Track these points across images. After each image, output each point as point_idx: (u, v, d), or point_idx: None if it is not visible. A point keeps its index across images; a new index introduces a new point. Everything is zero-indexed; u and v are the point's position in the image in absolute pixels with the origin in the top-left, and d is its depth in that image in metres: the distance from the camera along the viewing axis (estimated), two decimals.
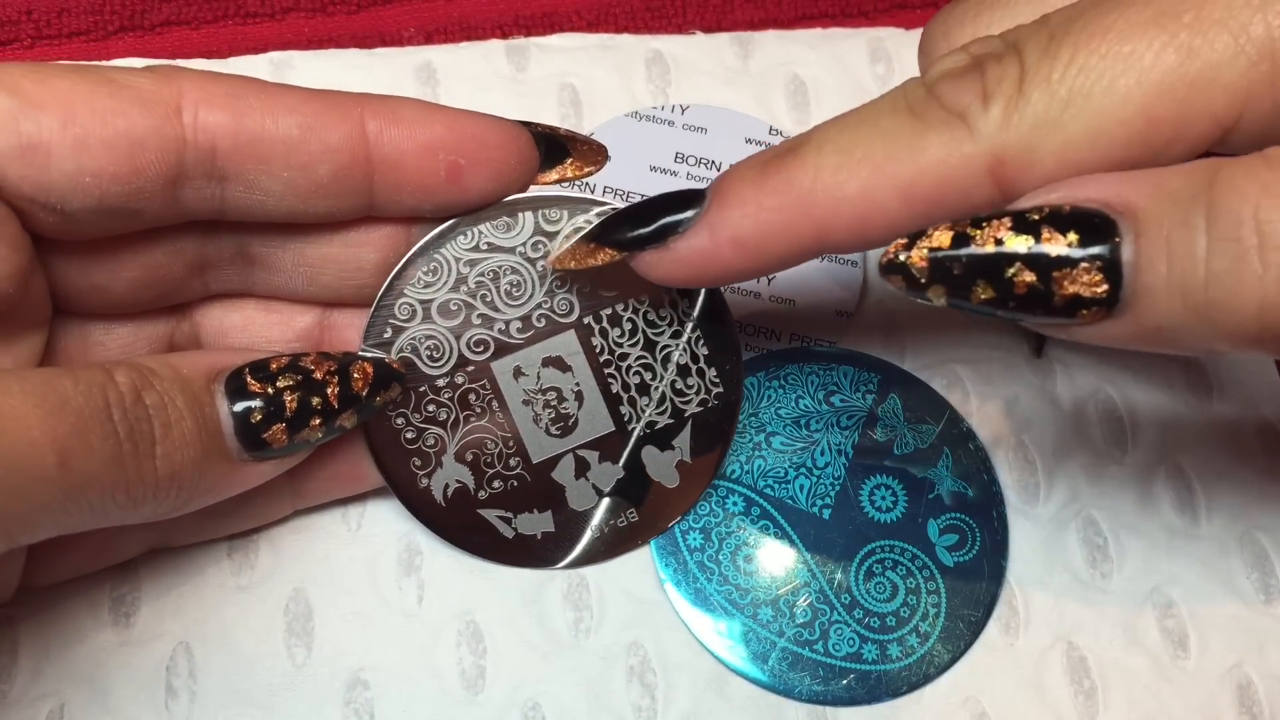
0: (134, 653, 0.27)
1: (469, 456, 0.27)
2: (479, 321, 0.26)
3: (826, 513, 0.29)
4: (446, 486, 0.27)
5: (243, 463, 0.24)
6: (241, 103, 0.23)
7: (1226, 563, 0.29)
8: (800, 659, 0.27)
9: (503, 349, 0.27)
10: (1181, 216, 0.18)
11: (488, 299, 0.26)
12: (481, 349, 0.26)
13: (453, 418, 0.27)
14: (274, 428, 0.23)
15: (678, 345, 0.27)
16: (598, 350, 0.27)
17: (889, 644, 0.28)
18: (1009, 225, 0.19)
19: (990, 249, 0.19)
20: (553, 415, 0.27)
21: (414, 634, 0.27)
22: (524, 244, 0.26)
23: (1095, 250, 0.19)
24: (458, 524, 0.27)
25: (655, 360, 0.27)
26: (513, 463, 0.27)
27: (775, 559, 0.28)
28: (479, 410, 0.27)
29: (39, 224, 0.22)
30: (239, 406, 0.23)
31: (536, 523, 0.27)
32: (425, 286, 0.26)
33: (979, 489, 0.29)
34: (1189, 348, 0.19)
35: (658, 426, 0.28)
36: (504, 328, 0.26)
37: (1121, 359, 0.32)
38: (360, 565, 0.28)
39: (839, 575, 0.28)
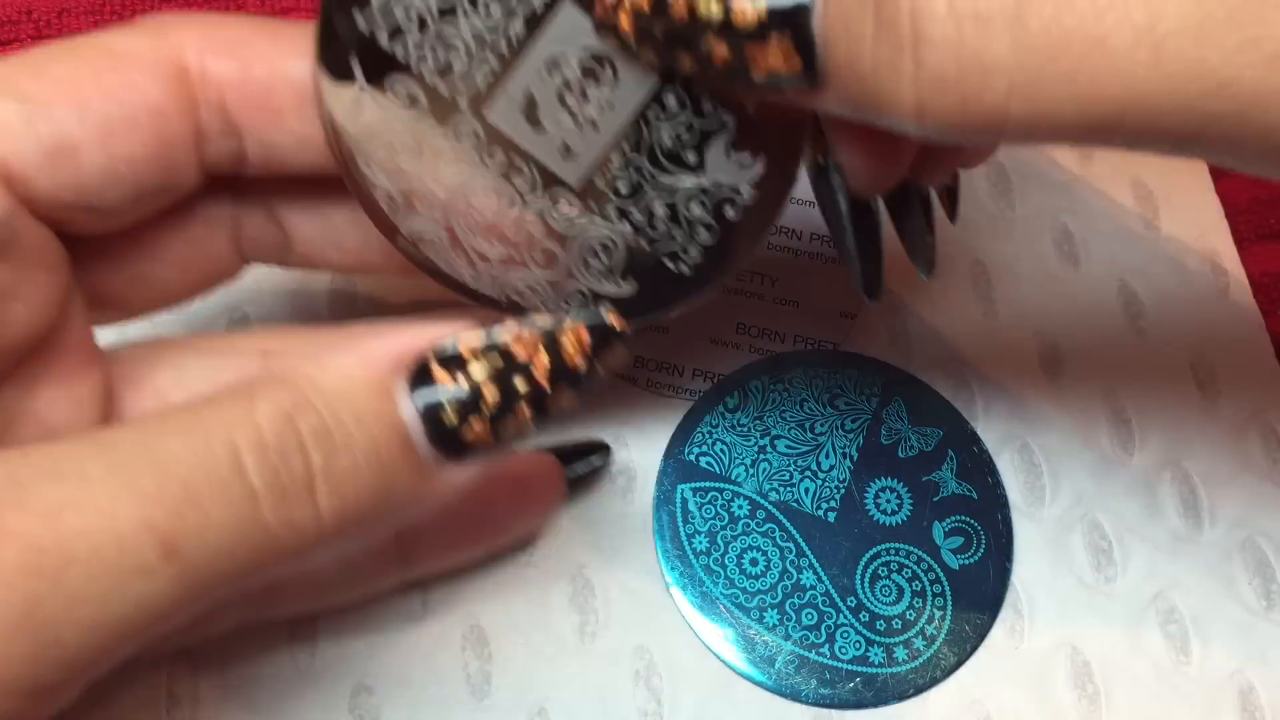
0: (136, 658, 0.26)
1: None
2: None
3: (832, 516, 0.29)
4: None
5: (438, 469, 0.20)
6: (248, 50, 0.21)
7: (1229, 568, 0.29)
8: (806, 662, 0.27)
9: None
10: None
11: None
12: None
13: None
14: (473, 423, 0.19)
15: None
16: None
17: (895, 647, 0.28)
18: None
19: (683, 16, 0.18)
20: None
21: (418, 639, 0.27)
22: None
23: (785, 24, 0.17)
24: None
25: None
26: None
27: (781, 562, 0.28)
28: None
29: (73, 227, 0.20)
30: (426, 403, 0.19)
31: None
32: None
33: (984, 492, 0.30)
34: (892, 128, 0.18)
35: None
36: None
37: (1126, 363, 0.32)
38: None
39: (845, 578, 0.28)
